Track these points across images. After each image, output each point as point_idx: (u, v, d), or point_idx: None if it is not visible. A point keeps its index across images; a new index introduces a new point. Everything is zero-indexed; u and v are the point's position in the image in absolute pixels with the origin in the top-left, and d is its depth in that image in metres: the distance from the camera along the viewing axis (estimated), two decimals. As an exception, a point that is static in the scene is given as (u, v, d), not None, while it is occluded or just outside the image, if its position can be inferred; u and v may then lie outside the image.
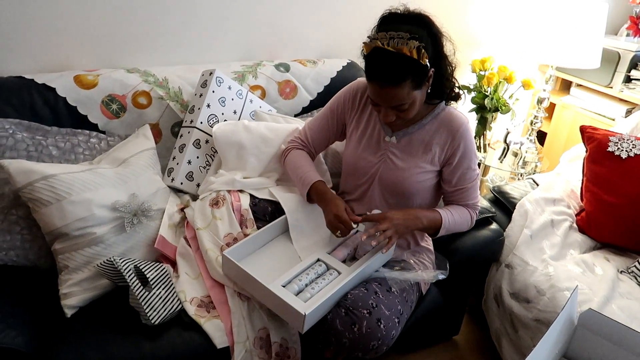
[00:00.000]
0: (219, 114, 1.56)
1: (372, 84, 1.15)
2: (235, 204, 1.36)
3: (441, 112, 1.30)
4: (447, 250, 1.54)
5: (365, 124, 1.36)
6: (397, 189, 1.32)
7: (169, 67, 1.66)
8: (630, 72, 2.25)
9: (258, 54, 1.86)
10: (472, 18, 2.27)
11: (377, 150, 1.34)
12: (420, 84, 1.15)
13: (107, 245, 1.27)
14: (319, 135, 1.44)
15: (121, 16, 1.58)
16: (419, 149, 1.30)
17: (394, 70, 1.09)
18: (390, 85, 1.11)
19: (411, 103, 1.16)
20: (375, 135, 1.35)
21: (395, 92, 1.12)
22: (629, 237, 1.63)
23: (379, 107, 1.20)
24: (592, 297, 1.42)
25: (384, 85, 1.12)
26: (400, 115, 1.19)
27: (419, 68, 1.10)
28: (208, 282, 1.27)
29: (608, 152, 1.68)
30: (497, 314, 1.64)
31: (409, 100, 1.15)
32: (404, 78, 1.10)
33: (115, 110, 1.51)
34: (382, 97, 1.15)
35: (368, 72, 1.14)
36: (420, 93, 1.18)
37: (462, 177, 1.32)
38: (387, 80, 1.10)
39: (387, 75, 1.10)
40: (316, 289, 1.14)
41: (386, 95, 1.13)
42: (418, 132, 1.30)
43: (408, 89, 1.13)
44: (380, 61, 1.09)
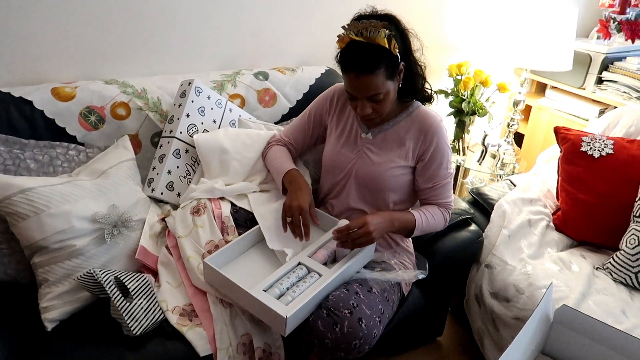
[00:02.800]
0: (199, 124, 1.57)
1: (348, 76, 1.21)
2: (216, 211, 1.37)
3: (415, 110, 1.36)
4: (427, 252, 1.56)
5: (344, 123, 1.43)
6: (372, 183, 1.36)
7: (147, 78, 1.66)
8: (601, 73, 2.32)
9: (237, 62, 1.88)
10: (448, 24, 2.32)
11: (355, 146, 1.40)
12: (392, 74, 1.22)
13: (87, 258, 1.26)
14: (298, 133, 1.52)
15: (98, 27, 1.58)
16: (394, 144, 1.35)
17: (368, 59, 1.16)
18: (365, 73, 1.17)
19: (385, 94, 1.23)
20: (352, 133, 1.41)
21: (370, 81, 1.18)
22: (604, 234, 1.67)
23: (355, 102, 1.26)
24: (569, 294, 1.45)
25: (359, 74, 1.18)
26: (376, 107, 1.25)
27: (390, 58, 1.18)
28: (190, 290, 1.27)
29: (581, 152, 1.72)
30: (478, 314, 1.67)
31: (383, 89, 1.21)
32: (377, 65, 1.17)
33: (93, 122, 1.51)
34: (358, 88, 1.21)
35: (344, 65, 1.21)
36: (393, 85, 1.25)
37: (434, 174, 1.34)
38: (362, 68, 1.17)
39: (362, 64, 1.16)
40: (297, 291, 1.15)
41: (362, 84, 1.19)
42: (392, 128, 1.36)
43: (382, 78, 1.19)
44: (354, 52, 1.17)
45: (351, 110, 1.43)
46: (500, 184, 1.95)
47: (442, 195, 1.37)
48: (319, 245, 1.30)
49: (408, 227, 1.31)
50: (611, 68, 2.31)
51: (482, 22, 2.40)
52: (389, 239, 1.43)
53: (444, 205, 1.39)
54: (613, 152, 1.68)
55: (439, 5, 2.24)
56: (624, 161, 1.66)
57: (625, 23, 2.33)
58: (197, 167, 1.55)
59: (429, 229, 1.36)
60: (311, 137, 1.51)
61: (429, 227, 1.35)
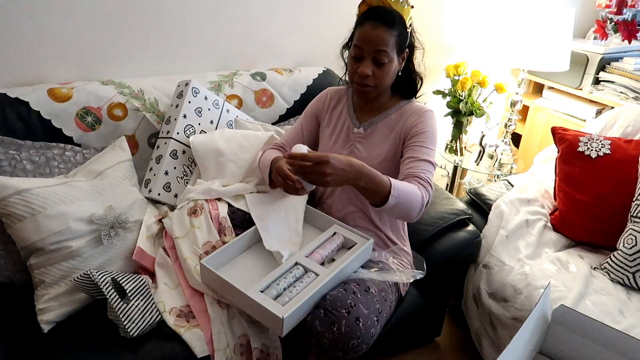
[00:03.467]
0: (196, 125, 1.56)
1: (363, 28, 1.25)
2: (213, 212, 1.37)
3: (405, 105, 1.39)
4: (425, 252, 1.56)
5: (336, 121, 1.46)
6: None
7: (144, 79, 1.66)
8: (598, 74, 2.32)
9: (234, 63, 1.87)
10: (445, 24, 2.32)
11: (347, 142, 1.42)
12: (400, 48, 1.28)
13: (84, 259, 1.26)
14: (294, 136, 1.51)
15: (95, 28, 1.58)
16: (384, 137, 1.37)
17: (387, 15, 1.24)
18: (382, 24, 1.23)
19: (389, 61, 1.26)
20: (345, 129, 1.43)
21: (383, 35, 1.23)
22: (601, 234, 1.67)
23: (358, 64, 1.28)
24: (567, 294, 1.45)
25: (376, 24, 1.23)
26: (376, 73, 1.27)
27: (404, 29, 1.27)
28: (187, 291, 1.27)
29: (578, 152, 1.72)
30: (476, 314, 1.67)
31: (390, 53, 1.25)
32: (393, 24, 1.24)
33: (90, 123, 1.51)
34: (370, 38, 1.24)
35: (362, 18, 1.27)
36: (396, 63, 1.29)
37: (416, 149, 1.29)
38: (380, 19, 1.23)
39: (381, 17, 1.24)
40: (294, 292, 1.14)
41: (375, 36, 1.23)
42: (383, 121, 1.39)
43: (393, 41, 1.24)
44: (376, 8, 1.26)
45: (343, 107, 1.46)
46: (498, 184, 1.95)
47: (421, 168, 1.24)
48: (316, 245, 1.30)
49: (379, 190, 1.13)
50: (608, 68, 2.31)
51: (479, 22, 2.40)
52: (386, 238, 1.42)
53: (419, 178, 1.23)
54: (610, 152, 1.68)
55: (436, 6, 2.24)
56: (621, 161, 1.66)
57: (621, 23, 2.34)
58: (194, 168, 1.55)
59: (406, 200, 1.16)
60: (308, 137, 1.51)
61: (405, 198, 1.15)
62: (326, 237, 1.33)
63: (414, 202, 1.18)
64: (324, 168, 1.05)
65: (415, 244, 1.55)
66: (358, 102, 1.44)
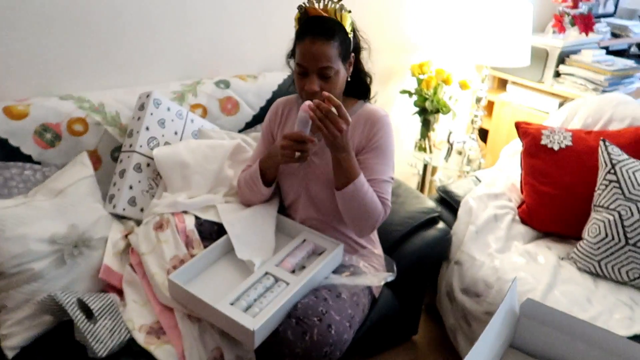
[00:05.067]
0: (159, 136, 1.54)
1: (302, 44, 1.22)
2: (180, 225, 1.35)
3: (360, 109, 1.37)
4: (397, 253, 1.57)
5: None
6: (325, 189, 1.35)
7: (105, 92, 1.62)
8: (558, 67, 2.37)
9: (197, 72, 1.85)
10: (406, 24, 2.33)
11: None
12: (345, 56, 1.25)
13: (47, 280, 1.22)
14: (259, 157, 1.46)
15: (50, 41, 1.53)
16: None
17: (325, 27, 1.20)
18: (321, 38, 1.19)
19: (335, 73, 1.23)
20: None
21: (324, 49, 1.19)
22: (567, 224, 1.71)
23: (304, 79, 1.25)
24: (536, 286, 1.48)
25: (314, 39, 1.19)
26: (324, 87, 1.23)
27: (345, 36, 1.23)
28: (157, 307, 1.25)
29: (542, 145, 1.76)
30: (450, 311, 1.69)
31: (335, 66, 1.22)
32: (333, 35, 1.20)
33: (49, 140, 1.47)
34: (311, 55, 1.20)
35: (300, 33, 1.24)
36: (343, 70, 1.26)
37: (373, 168, 1.30)
38: (318, 33, 1.19)
39: (319, 30, 1.20)
40: (264, 302, 1.13)
41: (316, 52, 1.19)
42: None
43: (335, 52, 1.21)
44: (313, 20, 1.22)
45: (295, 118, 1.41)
46: (466, 180, 1.97)
47: (380, 190, 1.29)
48: (286, 253, 1.29)
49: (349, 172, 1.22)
50: (567, 61, 2.37)
51: (441, 21, 2.43)
52: (354, 243, 1.42)
53: (382, 200, 1.30)
54: (572, 144, 1.72)
55: (396, 6, 2.25)
56: (583, 152, 1.70)
57: (578, 17, 2.40)
58: (160, 180, 1.52)
59: (365, 199, 1.24)
60: None
61: (365, 197, 1.24)
62: (296, 244, 1.32)
63: (371, 210, 1.26)
64: (342, 124, 1.14)
65: (386, 245, 1.56)
66: None
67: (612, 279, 1.53)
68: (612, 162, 1.56)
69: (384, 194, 1.30)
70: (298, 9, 1.26)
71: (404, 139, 2.56)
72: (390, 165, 1.34)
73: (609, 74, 2.24)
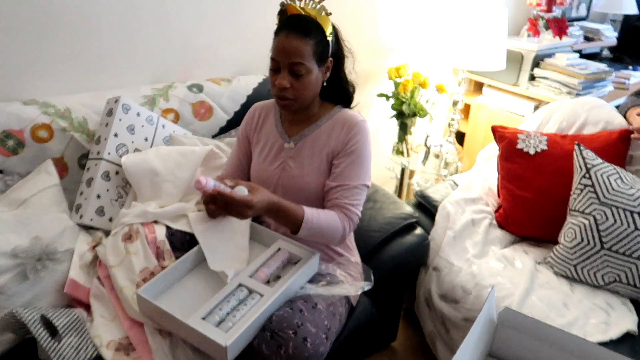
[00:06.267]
0: (129, 143, 1.49)
1: (278, 38, 1.21)
2: (150, 236, 1.30)
3: (337, 114, 1.35)
4: (375, 259, 1.55)
5: (265, 137, 1.40)
6: (299, 193, 1.32)
7: (71, 96, 1.56)
8: (533, 70, 2.39)
9: (169, 75, 1.80)
10: (383, 28, 2.32)
11: (277, 159, 1.36)
12: (320, 57, 1.23)
13: (8, 297, 1.17)
14: (233, 164, 1.45)
15: (12, 42, 1.46)
16: (315, 150, 1.32)
17: (302, 24, 1.20)
18: (296, 33, 1.18)
19: (307, 72, 1.21)
20: (275, 146, 1.37)
21: (297, 44, 1.18)
22: (544, 228, 1.71)
23: (276, 75, 1.23)
24: (514, 291, 1.48)
25: (289, 33, 1.18)
26: (295, 84, 1.22)
27: (322, 36, 1.22)
28: (126, 322, 1.20)
29: (518, 149, 1.76)
30: (429, 317, 1.67)
31: (307, 64, 1.20)
32: (308, 33, 1.19)
33: (12, 147, 1.40)
34: (284, 49, 1.19)
35: (277, 29, 1.23)
36: (318, 73, 1.25)
37: (343, 174, 1.27)
38: (293, 28, 1.19)
39: (295, 26, 1.19)
40: (238, 316, 1.09)
41: (289, 46, 1.18)
42: (314, 133, 1.33)
43: (309, 50, 1.19)
44: (291, 17, 1.22)
45: (272, 123, 1.40)
46: (444, 184, 1.97)
47: (346, 197, 1.26)
48: (260, 263, 1.25)
49: (291, 221, 1.20)
50: (542, 64, 2.39)
51: (416, 24, 2.42)
52: (331, 251, 1.39)
53: (345, 209, 1.26)
54: (547, 147, 1.73)
55: (371, 9, 2.24)
56: (558, 156, 1.71)
57: (552, 21, 2.42)
58: (130, 189, 1.47)
59: (321, 231, 1.22)
60: (246, 163, 1.45)
61: (320, 229, 1.22)
62: (270, 254, 1.28)
63: (331, 234, 1.25)
64: (246, 210, 1.11)
65: (364, 252, 1.54)
66: (286, 114, 1.38)
67: (588, 283, 1.53)
68: (586, 166, 1.56)
69: (349, 202, 1.26)
70: (280, 5, 1.25)
71: (381, 142, 2.55)
72: (365, 171, 1.30)
73: (583, 77, 2.26)
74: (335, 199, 1.28)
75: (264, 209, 1.15)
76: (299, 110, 1.32)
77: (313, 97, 1.30)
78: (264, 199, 1.14)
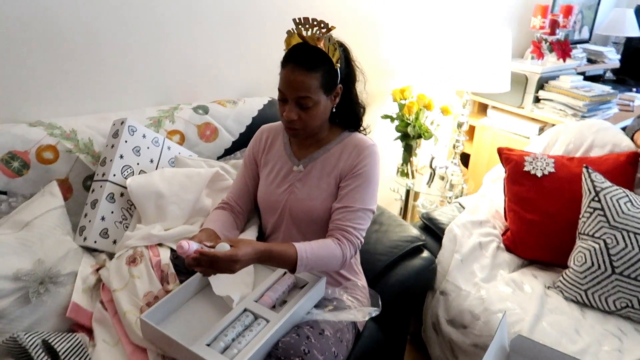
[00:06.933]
0: (134, 165, 1.48)
1: (284, 71, 1.19)
2: (154, 259, 1.28)
3: (346, 138, 1.33)
4: (381, 283, 1.53)
5: (273, 160, 1.38)
6: (307, 217, 1.30)
7: (77, 118, 1.56)
8: (538, 92, 2.40)
9: (174, 97, 1.80)
10: (387, 50, 2.34)
11: (285, 182, 1.34)
12: (328, 88, 1.21)
13: (10, 321, 1.14)
14: (239, 187, 1.43)
15: (20, 65, 1.47)
16: (324, 173, 1.30)
17: (308, 58, 1.16)
18: (302, 68, 1.16)
19: (315, 104, 1.19)
20: (284, 169, 1.36)
21: (303, 80, 1.16)
22: (552, 252, 1.69)
23: (284, 106, 1.22)
24: (524, 317, 1.45)
25: (295, 69, 1.16)
26: (302, 116, 1.21)
27: (330, 68, 1.18)
28: (128, 347, 1.17)
29: (525, 171, 1.75)
30: (436, 342, 1.64)
31: (314, 97, 1.18)
32: (315, 67, 1.16)
33: (17, 168, 1.40)
34: (290, 84, 1.18)
35: (284, 60, 1.20)
36: (326, 101, 1.23)
37: (349, 196, 1.25)
38: (299, 63, 1.16)
39: (301, 60, 1.16)
40: (243, 342, 1.07)
41: (295, 81, 1.17)
42: (323, 156, 1.32)
43: (316, 84, 1.17)
44: (298, 49, 1.18)
45: (280, 145, 1.39)
46: (450, 207, 1.95)
47: (349, 220, 1.23)
48: (265, 287, 1.23)
49: (286, 264, 1.16)
50: (546, 87, 2.39)
51: (420, 46, 2.44)
52: (338, 275, 1.37)
53: (346, 232, 1.23)
54: (555, 170, 1.71)
55: (374, 31, 2.25)
56: (566, 179, 1.69)
57: (555, 43, 2.44)
58: (134, 211, 1.46)
59: (318, 263, 1.18)
60: (253, 187, 1.43)
61: (317, 261, 1.18)
62: (276, 278, 1.26)
63: (330, 262, 1.21)
64: (233, 265, 1.06)
65: (370, 275, 1.51)
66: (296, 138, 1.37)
67: (600, 308, 1.50)
68: (595, 189, 1.55)
69: (352, 225, 1.23)
70: (287, 34, 1.22)
71: (385, 164, 2.54)
72: (371, 195, 1.28)
73: (588, 99, 2.26)
74: (338, 220, 1.25)
75: (253, 260, 1.10)
76: (309, 135, 1.31)
77: (322, 124, 1.29)
78: (249, 251, 1.08)
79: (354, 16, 2.15)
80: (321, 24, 1.16)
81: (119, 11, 1.58)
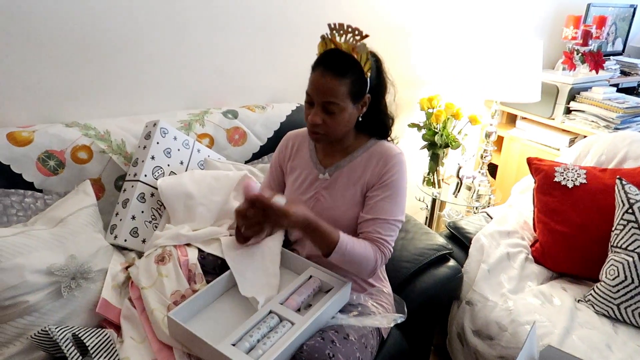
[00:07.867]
0: (165, 166, 1.51)
1: (314, 74, 1.19)
2: (182, 258, 1.30)
3: (373, 145, 1.32)
4: (406, 291, 1.51)
5: (300, 167, 1.38)
6: (333, 225, 1.28)
7: (111, 119, 1.61)
8: (569, 103, 2.35)
9: (205, 101, 1.84)
10: (414, 58, 2.33)
11: (310, 189, 1.34)
12: (356, 96, 1.20)
13: (42, 314, 1.17)
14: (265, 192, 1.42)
15: (57, 68, 1.52)
16: (350, 181, 1.30)
17: (339, 63, 1.16)
18: (331, 73, 1.15)
19: (341, 110, 1.19)
20: (310, 176, 1.35)
21: (332, 85, 1.16)
22: (583, 265, 1.64)
23: (310, 109, 1.22)
24: (553, 330, 1.41)
25: (325, 72, 1.16)
26: (327, 121, 1.20)
27: (360, 76, 1.18)
28: (155, 345, 1.18)
29: (555, 182, 1.71)
30: (462, 353, 1.61)
31: (341, 103, 1.18)
32: (345, 73, 1.16)
33: (52, 167, 1.44)
34: (318, 87, 1.17)
35: (315, 63, 1.20)
36: (353, 109, 1.22)
37: (378, 206, 1.24)
38: (329, 67, 1.16)
39: (331, 64, 1.16)
40: (268, 344, 1.07)
41: (323, 85, 1.16)
42: (349, 164, 1.31)
43: (344, 90, 1.17)
44: (330, 53, 1.18)
45: (306, 153, 1.39)
46: (477, 216, 1.92)
47: (379, 231, 1.23)
48: (291, 290, 1.23)
49: (325, 244, 1.17)
50: (578, 98, 2.35)
51: (450, 56, 2.43)
52: (363, 281, 1.36)
53: (379, 242, 1.23)
54: (586, 181, 1.68)
55: (404, 40, 2.26)
56: (598, 190, 1.65)
57: (588, 55, 2.39)
58: (164, 211, 1.48)
59: (353, 258, 1.18)
60: (280, 191, 1.44)
61: (352, 255, 1.18)
62: (302, 281, 1.26)
63: (363, 264, 1.21)
64: (283, 219, 1.11)
65: (395, 282, 1.50)
66: (322, 145, 1.36)
67: (633, 324, 1.46)
68: (629, 201, 1.51)
69: (383, 236, 1.23)
70: (320, 38, 1.22)
71: (412, 173, 2.52)
72: (399, 206, 1.27)
73: (621, 111, 2.21)
74: (369, 232, 1.24)
75: (300, 223, 1.13)
76: (333, 142, 1.31)
77: (346, 132, 1.28)
78: (301, 214, 1.13)
79: (385, 26, 2.16)
80: (355, 31, 1.15)
81: (155, 19, 1.63)
